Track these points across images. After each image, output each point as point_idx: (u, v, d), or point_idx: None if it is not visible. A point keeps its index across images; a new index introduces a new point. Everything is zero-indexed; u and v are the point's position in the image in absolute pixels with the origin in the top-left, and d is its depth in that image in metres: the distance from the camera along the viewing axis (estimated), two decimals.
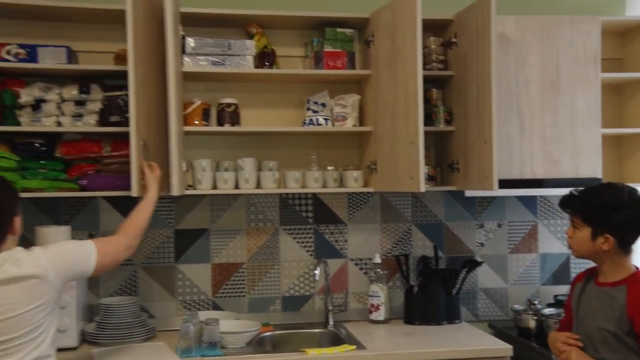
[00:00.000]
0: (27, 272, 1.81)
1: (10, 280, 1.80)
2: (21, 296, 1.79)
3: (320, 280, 2.79)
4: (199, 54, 2.53)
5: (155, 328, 2.59)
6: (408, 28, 2.36)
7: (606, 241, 1.95)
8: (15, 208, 1.94)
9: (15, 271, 1.80)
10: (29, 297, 1.80)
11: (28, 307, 1.79)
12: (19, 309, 1.78)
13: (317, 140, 2.84)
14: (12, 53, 2.41)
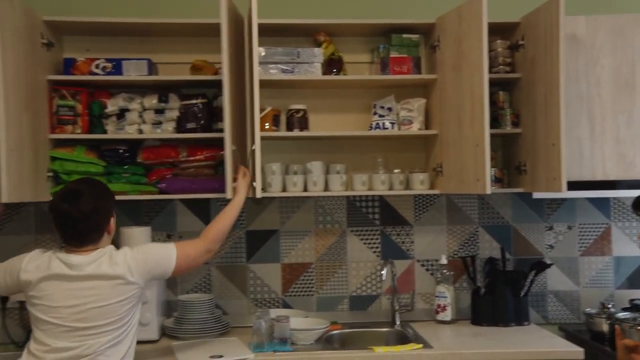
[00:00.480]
0: (115, 272, 2.01)
1: (101, 277, 2.00)
2: (108, 291, 2.00)
3: (387, 280, 2.84)
4: (269, 63, 2.64)
5: (229, 324, 2.71)
6: (474, 32, 2.38)
7: None
8: (112, 209, 2.16)
9: (107, 270, 2.00)
10: (115, 293, 2.00)
11: (113, 301, 1.99)
12: (105, 301, 1.98)
13: (383, 144, 2.89)
14: (100, 67, 2.60)
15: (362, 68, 2.86)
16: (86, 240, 2.05)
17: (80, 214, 2.01)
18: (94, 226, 2.05)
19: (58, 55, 2.68)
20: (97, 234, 2.07)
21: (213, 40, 2.74)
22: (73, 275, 2.00)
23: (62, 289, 1.99)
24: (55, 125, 2.58)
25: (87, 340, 1.98)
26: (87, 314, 1.98)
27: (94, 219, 2.05)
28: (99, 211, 2.06)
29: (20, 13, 2.31)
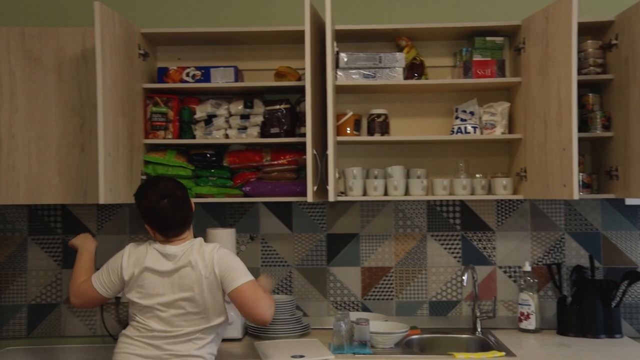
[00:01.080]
0: (200, 262, 2.16)
1: (191, 265, 2.15)
2: (194, 279, 2.15)
3: (468, 286, 2.80)
4: (351, 68, 2.67)
5: (309, 325, 2.75)
6: (563, 33, 2.31)
7: None
8: (190, 208, 2.30)
9: (196, 258, 2.17)
10: (199, 281, 2.15)
11: (197, 289, 2.14)
12: (192, 289, 2.15)
13: (465, 148, 2.86)
14: (190, 75, 2.72)
15: (444, 72, 2.85)
16: (184, 226, 2.22)
17: (175, 205, 2.17)
18: (185, 219, 2.21)
19: (152, 64, 2.84)
20: (187, 226, 2.23)
21: (296, 47, 2.84)
22: (169, 265, 2.16)
23: (160, 277, 2.15)
24: (149, 131, 2.72)
25: (181, 323, 2.14)
26: (180, 301, 2.14)
27: (185, 211, 2.21)
28: (189, 205, 2.25)
29: (120, 27, 2.46)
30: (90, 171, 2.60)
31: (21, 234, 2.94)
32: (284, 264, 2.93)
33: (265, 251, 2.93)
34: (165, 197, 2.17)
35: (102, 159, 2.30)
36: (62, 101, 2.61)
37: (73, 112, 2.61)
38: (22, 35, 2.61)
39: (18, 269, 2.93)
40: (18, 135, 2.60)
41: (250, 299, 2.13)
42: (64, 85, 2.61)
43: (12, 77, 2.61)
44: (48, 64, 2.61)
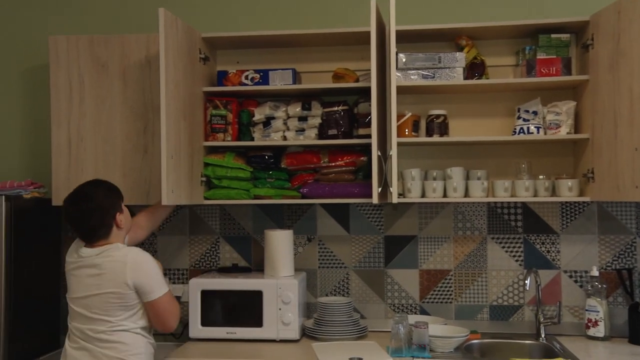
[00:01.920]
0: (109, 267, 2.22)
1: (99, 267, 2.23)
2: (104, 282, 2.21)
3: (531, 290, 2.72)
4: (410, 69, 2.64)
5: (366, 328, 2.73)
6: (636, 27, 2.21)
7: None
8: (117, 206, 2.32)
9: (105, 262, 2.22)
10: (109, 285, 2.21)
11: (107, 291, 2.20)
12: (100, 289, 2.21)
13: (527, 149, 2.78)
14: (249, 78, 2.75)
15: (505, 71, 2.78)
16: (94, 235, 2.26)
17: (83, 213, 2.23)
18: (99, 223, 2.25)
19: (212, 68, 2.89)
20: (104, 230, 2.26)
21: (354, 49, 2.83)
22: (80, 265, 2.25)
23: (75, 278, 2.27)
24: (209, 133, 2.77)
25: (91, 324, 2.22)
26: (89, 301, 2.22)
27: (98, 216, 2.24)
28: (102, 209, 2.26)
29: (182, 32, 2.51)
30: (153, 173, 2.67)
31: None
32: (341, 265, 2.92)
33: (323, 253, 2.93)
34: (76, 204, 2.26)
35: (165, 161, 2.34)
36: (126, 105, 2.70)
37: (136, 116, 2.69)
38: (91, 43, 2.73)
39: None
40: (86, 139, 2.70)
41: (164, 312, 2.26)
42: (129, 89, 2.70)
43: (81, 83, 2.72)
44: (114, 70, 2.71)
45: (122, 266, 2.19)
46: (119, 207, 2.32)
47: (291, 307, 2.63)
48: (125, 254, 2.23)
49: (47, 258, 2.90)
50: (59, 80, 2.73)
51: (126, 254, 2.23)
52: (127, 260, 2.20)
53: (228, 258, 2.98)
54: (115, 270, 2.19)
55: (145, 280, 2.21)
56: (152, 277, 2.23)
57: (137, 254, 2.24)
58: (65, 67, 2.72)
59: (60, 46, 2.73)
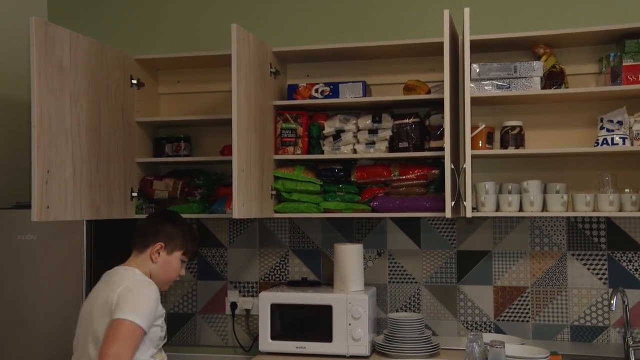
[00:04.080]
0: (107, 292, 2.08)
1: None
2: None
3: (617, 311, 2.57)
4: (484, 79, 2.56)
5: (439, 345, 2.65)
6: None
7: None
8: (162, 241, 2.21)
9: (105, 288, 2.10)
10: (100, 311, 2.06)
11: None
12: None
13: (611, 161, 2.64)
14: (319, 91, 2.75)
15: (586, 80, 2.66)
16: (134, 246, 2.24)
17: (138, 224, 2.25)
18: (139, 240, 2.23)
19: (283, 81, 2.91)
20: (138, 249, 2.22)
21: (425, 60, 2.78)
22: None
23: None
24: (279, 147, 2.78)
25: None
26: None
27: (147, 228, 2.23)
28: (158, 227, 2.23)
29: (254, 47, 2.54)
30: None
31: None
32: (412, 280, 2.86)
33: (393, 267, 2.88)
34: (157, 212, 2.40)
35: (236, 174, 2.36)
36: None
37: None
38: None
39: None
40: None
41: (111, 337, 1.95)
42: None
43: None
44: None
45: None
46: (171, 245, 2.22)
47: (361, 322, 2.58)
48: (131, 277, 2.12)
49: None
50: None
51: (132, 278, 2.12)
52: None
53: (297, 272, 2.97)
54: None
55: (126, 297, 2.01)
56: (135, 300, 2.01)
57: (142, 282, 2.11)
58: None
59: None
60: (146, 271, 2.19)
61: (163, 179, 2.89)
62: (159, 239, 2.21)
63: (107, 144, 2.65)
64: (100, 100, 2.60)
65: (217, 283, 3.03)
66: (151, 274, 2.20)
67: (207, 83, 3.05)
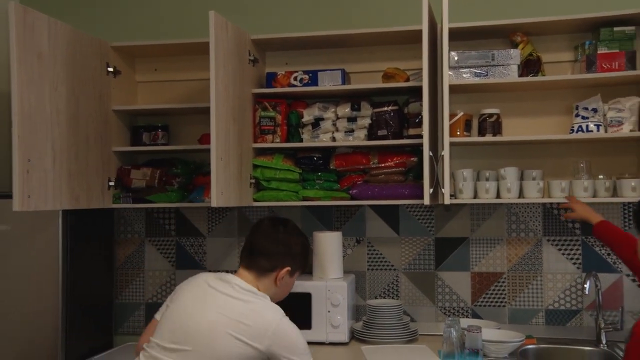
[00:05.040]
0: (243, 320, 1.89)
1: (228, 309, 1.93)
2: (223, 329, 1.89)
3: (590, 295, 2.62)
4: (462, 67, 2.58)
5: (417, 331, 2.69)
6: None
7: None
8: (290, 264, 2.03)
9: (239, 308, 1.91)
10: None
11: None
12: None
13: (586, 148, 2.68)
14: (298, 79, 2.74)
15: (562, 67, 2.69)
16: (252, 266, 2.03)
17: (257, 240, 2.05)
18: (263, 260, 2.02)
19: (261, 69, 2.89)
20: (261, 269, 2.02)
21: (404, 47, 2.79)
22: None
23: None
24: (258, 135, 2.77)
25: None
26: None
27: (275, 246, 2.03)
28: (286, 246, 2.04)
29: (232, 34, 2.51)
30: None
31: (139, 236, 3.09)
32: (391, 267, 2.88)
33: (372, 255, 2.90)
34: (276, 223, 2.11)
35: (215, 163, 2.35)
36: None
37: None
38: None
39: (137, 268, 3.09)
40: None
41: None
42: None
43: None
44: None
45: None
46: (294, 268, 2.07)
47: (340, 309, 2.60)
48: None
49: (101, 258, 2.97)
50: None
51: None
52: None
53: None
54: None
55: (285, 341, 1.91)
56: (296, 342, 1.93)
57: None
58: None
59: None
60: (268, 294, 2.01)
61: (141, 168, 2.87)
62: (285, 263, 2.04)
63: (85, 133, 2.61)
64: (78, 88, 2.56)
65: (195, 272, 2.97)
66: (271, 298, 2.02)
67: (185, 71, 3.01)
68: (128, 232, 3.10)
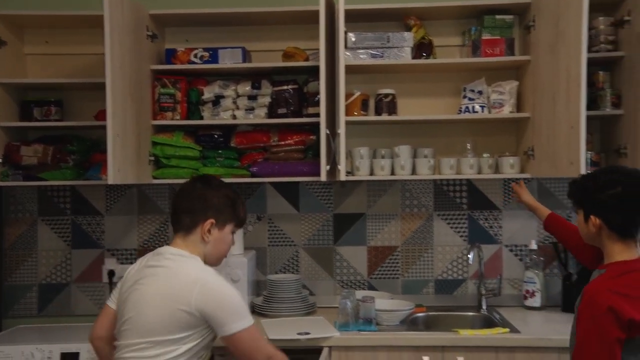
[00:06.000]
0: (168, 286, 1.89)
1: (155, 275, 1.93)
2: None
3: (474, 265, 2.83)
4: (359, 48, 2.66)
5: (315, 304, 2.78)
6: (573, 9, 2.28)
7: (594, 223, 1.81)
8: (211, 214, 1.96)
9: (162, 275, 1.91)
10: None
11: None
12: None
13: (472, 128, 2.86)
14: (198, 56, 2.72)
15: (452, 51, 2.85)
16: (178, 228, 1.99)
17: (177, 201, 2.02)
18: (185, 218, 1.97)
19: (160, 46, 2.84)
20: (185, 227, 1.97)
21: (304, 27, 2.83)
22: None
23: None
24: (157, 112, 2.73)
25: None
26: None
27: (186, 209, 1.97)
28: (203, 200, 1.98)
29: (129, 9, 2.45)
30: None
31: (31, 215, 2.97)
32: (291, 243, 2.95)
33: (272, 231, 2.96)
34: (194, 181, 2.08)
35: (111, 140, 2.30)
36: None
37: None
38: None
39: (29, 249, 2.97)
40: None
41: (249, 349, 1.91)
42: None
43: None
44: None
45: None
46: (220, 219, 1.99)
47: (240, 284, 2.64)
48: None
49: None
50: None
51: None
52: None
53: None
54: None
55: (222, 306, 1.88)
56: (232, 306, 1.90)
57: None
58: None
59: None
60: (199, 254, 1.96)
61: (32, 145, 2.74)
62: (208, 216, 1.96)
63: None
64: None
65: (93, 251, 2.96)
66: (205, 257, 1.97)
67: (79, 45, 2.90)
68: (19, 212, 2.97)
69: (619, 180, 1.79)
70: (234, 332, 1.87)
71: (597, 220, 1.80)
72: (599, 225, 1.80)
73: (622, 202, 1.77)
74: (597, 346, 1.65)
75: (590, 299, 1.70)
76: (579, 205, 1.89)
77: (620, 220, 1.78)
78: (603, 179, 1.81)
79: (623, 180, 1.79)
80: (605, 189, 1.79)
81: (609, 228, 1.79)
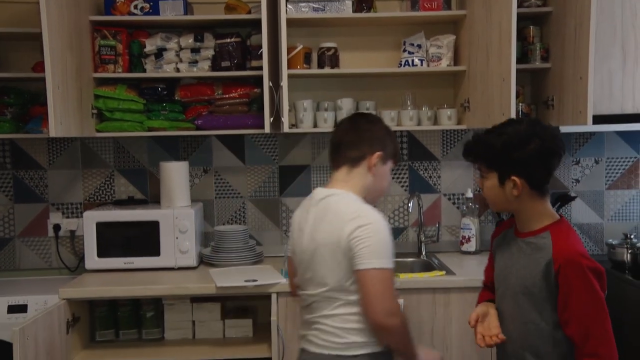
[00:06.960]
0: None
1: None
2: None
3: (414, 213, 2.95)
4: (301, 1, 2.68)
5: (262, 253, 2.86)
6: None
7: (515, 185, 1.65)
8: (375, 143, 1.84)
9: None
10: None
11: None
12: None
13: (412, 81, 2.94)
14: (139, 7, 2.68)
15: (392, 5, 2.90)
16: (341, 162, 1.85)
17: (340, 136, 1.88)
18: (350, 151, 1.83)
19: None
20: (350, 160, 1.83)
21: None
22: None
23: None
24: (98, 65, 2.70)
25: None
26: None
27: (352, 143, 1.84)
28: (364, 136, 1.85)
29: None
30: None
31: None
32: (237, 195, 3.01)
33: (219, 184, 3.00)
34: (357, 116, 1.98)
35: (51, 92, 2.27)
36: None
37: None
38: None
39: None
40: None
41: (383, 292, 1.70)
42: None
43: None
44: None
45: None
46: (386, 153, 1.86)
47: (188, 235, 2.69)
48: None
49: None
50: None
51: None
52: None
53: (124, 191, 2.98)
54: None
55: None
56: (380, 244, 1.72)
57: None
58: None
59: None
60: (361, 187, 1.82)
61: None
62: (375, 148, 1.83)
63: None
64: None
65: (36, 206, 2.94)
66: (367, 191, 1.84)
67: None
68: None
69: (534, 132, 1.64)
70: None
71: (520, 180, 1.63)
72: (521, 186, 1.64)
73: (542, 156, 1.63)
74: (603, 313, 1.60)
75: (579, 265, 1.57)
76: (489, 167, 1.69)
77: (543, 177, 1.66)
78: (518, 134, 1.63)
79: (538, 132, 1.64)
80: (525, 145, 1.62)
81: (531, 187, 1.65)
